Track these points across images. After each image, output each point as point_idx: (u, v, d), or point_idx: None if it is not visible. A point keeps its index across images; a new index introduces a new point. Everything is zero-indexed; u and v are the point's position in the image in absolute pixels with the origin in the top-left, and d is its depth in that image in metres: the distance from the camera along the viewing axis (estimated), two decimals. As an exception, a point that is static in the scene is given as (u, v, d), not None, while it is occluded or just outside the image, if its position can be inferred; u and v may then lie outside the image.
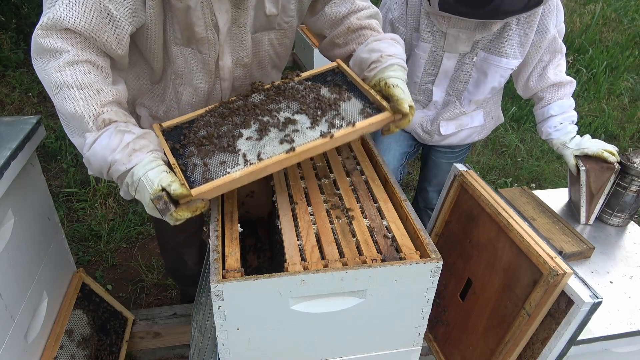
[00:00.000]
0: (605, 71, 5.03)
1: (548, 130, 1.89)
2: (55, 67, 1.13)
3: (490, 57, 1.82)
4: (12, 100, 3.89)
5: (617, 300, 1.48)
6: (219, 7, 1.29)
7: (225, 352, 1.13)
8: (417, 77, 1.96)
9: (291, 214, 1.24)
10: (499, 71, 1.83)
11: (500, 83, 1.89)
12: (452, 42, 1.81)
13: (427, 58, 1.89)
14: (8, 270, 1.41)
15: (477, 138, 2.16)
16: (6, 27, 4.31)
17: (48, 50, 1.13)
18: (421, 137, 2.13)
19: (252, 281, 1.01)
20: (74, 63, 1.15)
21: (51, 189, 2.96)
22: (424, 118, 2.07)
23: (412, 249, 1.14)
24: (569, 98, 1.88)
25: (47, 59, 1.14)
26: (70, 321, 1.72)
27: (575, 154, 1.81)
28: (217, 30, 1.33)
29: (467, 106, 1.96)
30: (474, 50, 1.83)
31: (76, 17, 1.12)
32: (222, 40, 1.36)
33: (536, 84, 1.89)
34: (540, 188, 3.02)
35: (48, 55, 1.14)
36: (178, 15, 1.26)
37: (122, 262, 2.79)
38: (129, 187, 1.13)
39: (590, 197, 1.78)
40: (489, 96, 1.97)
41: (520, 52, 1.79)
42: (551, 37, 1.78)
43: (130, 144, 1.12)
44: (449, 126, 2.05)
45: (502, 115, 2.23)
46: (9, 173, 1.37)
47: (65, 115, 1.17)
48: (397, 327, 1.20)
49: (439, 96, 1.98)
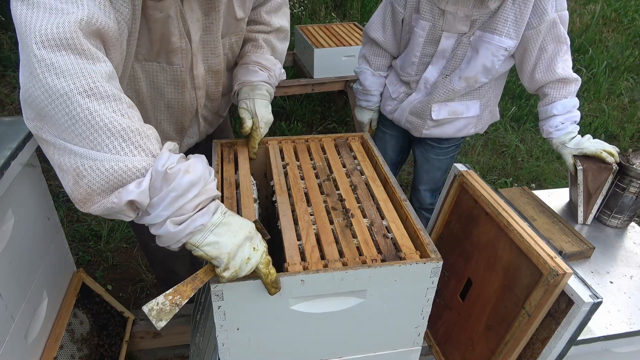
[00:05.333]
0: (605, 71, 5.03)
1: (549, 129, 1.88)
2: (102, 74, 0.92)
3: (484, 35, 1.81)
4: (12, 100, 3.89)
5: (617, 300, 1.48)
6: (191, 16, 1.27)
7: (225, 352, 1.13)
8: (415, 57, 1.96)
9: (291, 214, 1.24)
10: (490, 48, 1.81)
11: (493, 63, 1.84)
12: (451, 21, 1.81)
13: (426, 37, 1.90)
14: (8, 270, 1.41)
15: (473, 131, 2.13)
16: (6, 27, 4.31)
17: (87, 55, 0.91)
18: (413, 123, 2.11)
19: (252, 281, 1.01)
20: (112, 78, 0.96)
21: (51, 189, 2.96)
22: (413, 103, 2.06)
23: (412, 249, 1.14)
24: (573, 97, 1.86)
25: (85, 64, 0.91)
26: (70, 321, 1.72)
27: (573, 154, 1.81)
28: (189, 38, 1.32)
29: (456, 82, 1.92)
30: (472, 30, 1.82)
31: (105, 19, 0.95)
32: (195, 49, 1.35)
33: (542, 76, 1.85)
34: (540, 188, 3.02)
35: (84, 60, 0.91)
36: (153, 27, 1.21)
37: (122, 262, 2.79)
38: (219, 207, 0.98)
39: (587, 197, 1.78)
40: (483, 80, 1.92)
41: (515, 32, 1.77)
42: (550, 21, 1.75)
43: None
44: (441, 111, 2.02)
45: (498, 113, 2.21)
46: (9, 173, 1.37)
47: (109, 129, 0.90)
48: (397, 327, 1.20)
49: (432, 75, 1.97)
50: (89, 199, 0.93)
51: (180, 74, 1.37)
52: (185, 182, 0.91)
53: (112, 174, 0.90)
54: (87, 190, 0.92)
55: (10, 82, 4.05)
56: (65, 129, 0.90)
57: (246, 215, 1.22)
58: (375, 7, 5.54)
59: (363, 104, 2.26)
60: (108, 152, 0.90)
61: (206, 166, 0.98)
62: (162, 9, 1.18)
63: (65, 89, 0.88)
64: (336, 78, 3.66)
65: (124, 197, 0.89)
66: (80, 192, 0.93)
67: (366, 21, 5.37)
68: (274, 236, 1.35)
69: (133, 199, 0.89)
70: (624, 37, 5.75)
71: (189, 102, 1.46)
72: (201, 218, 0.94)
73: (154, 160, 0.93)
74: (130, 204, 0.91)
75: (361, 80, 2.19)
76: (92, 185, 0.91)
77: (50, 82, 0.88)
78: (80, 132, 0.89)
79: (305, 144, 1.57)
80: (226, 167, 1.42)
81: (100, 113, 0.89)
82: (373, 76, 2.16)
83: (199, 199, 0.94)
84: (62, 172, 0.94)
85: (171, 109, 1.45)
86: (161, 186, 0.91)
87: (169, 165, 0.91)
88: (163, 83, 1.37)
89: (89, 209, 0.95)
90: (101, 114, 0.89)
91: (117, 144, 0.90)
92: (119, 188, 0.91)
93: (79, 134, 0.90)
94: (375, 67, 2.15)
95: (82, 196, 0.93)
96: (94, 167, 0.90)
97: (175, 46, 1.29)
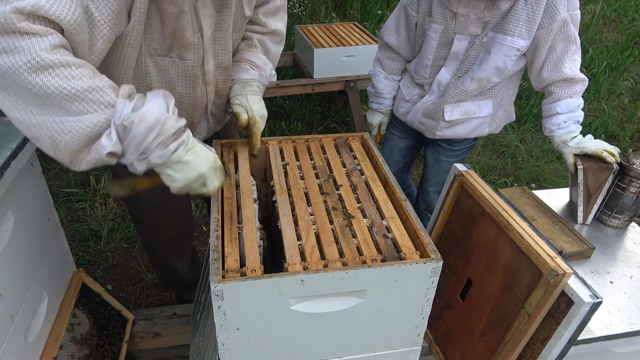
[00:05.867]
0: (605, 71, 5.03)
1: (551, 127, 1.88)
2: (42, 47, 0.95)
3: (497, 36, 1.81)
4: (12, 100, 3.89)
5: (617, 300, 1.48)
6: (204, 12, 1.30)
7: (225, 352, 1.13)
8: (428, 60, 1.98)
9: (291, 214, 1.24)
10: (502, 49, 1.81)
11: (505, 64, 1.85)
12: (463, 23, 1.83)
13: (439, 40, 1.91)
14: (8, 270, 1.41)
15: (487, 130, 2.13)
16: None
17: (26, 34, 0.94)
18: (425, 125, 2.12)
19: (252, 281, 1.01)
20: (61, 46, 0.99)
21: (51, 189, 2.96)
22: (426, 104, 2.07)
23: (412, 249, 1.14)
24: (578, 97, 1.86)
25: (24, 42, 0.94)
26: (70, 321, 1.72)
27: (574, 153, 1.81)
28: (201, 34, 1.34)
29: (469, 83, 1.93)
30: (484, 31, 1.83)
31: (62, 10, 0.97)
32: (207, 44, 1.37)
33: (549, 74, 1.85)
34: (540, 188, 3.02)
35: (25, 38, 0.94)
36: (167, 21, 1.23)
37: (122, 262, 2.79)
38: (181, 146, 1.10)
39: (587, 197, 1.77)
40: (496, 80, 1.92)
41: (527, 32, 1.77)
42: (562, 20, 1.75)
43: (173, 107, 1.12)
44: (453, 111, 2.03)
45: (513, 112, 2.21)
46: (9, 173, 1.37)
47: (64, 96, 0.98)
48: (397, 327, 1.20)
49: (445, 77, 1.98)
50: (73, 159, 1.07)
51: (192, 69, 1.39)
52: (141, 129, 1.04)
53: (82, 134, 1.02)
54: (68, 152, 1.04)
55: (10, 82, 4.04)
56: (26, 104, 0.99)
57: (246, 215, 1.22)
58: (375, 7, 5.55)
59: (374, 106, 2.28)
60: (71, 114, 1.00)
61: (161, 107, 1.08)
62: (177, 4, 1.21)
63: (9, 65, 0.93)
64: (336, 78, 3.66)
65: (102, 150, 1.04)
66: (63, 155, 1.05)
67: (366, 21, 5.39)
68: (274, 236, 1.35)
69: (110, 151, 1.04)
70: (624, 37, 5.75)
71: (200, 97, 1.49)
72: (158, 157, 1.09)
73: (113, 109, 1.04)
74: (109, 154, 1.06)
75: (374, 83, 2.22)
76: (70, 147, 1.03)
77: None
78: (40, 104, 0.98)
79: (305, 144, 1.57)
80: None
81: (50, 84, 0.96)
82: (386, 79, 2.19)
83: (159, 139, 1.07)
84: (39, 142, 1.04)
85: (182, 104, 1.47)
86: (124, 136, 1.05)
87: (124, 117, 1.03)
88: (175, 78, 1.39)
89: (79, 167, 1.08)
90: (50, 85, 0.96)
91: (75, 106, 1.00)
92: (93, 143, 1.04)
93: (38, 105, 0.98)
94: (389, 71, 2.17)
95: (66, 158, 1.06)
96: (64, 131, 1.01)
97: (188, 41, 1.31)
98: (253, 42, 1.60)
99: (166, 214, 1.84)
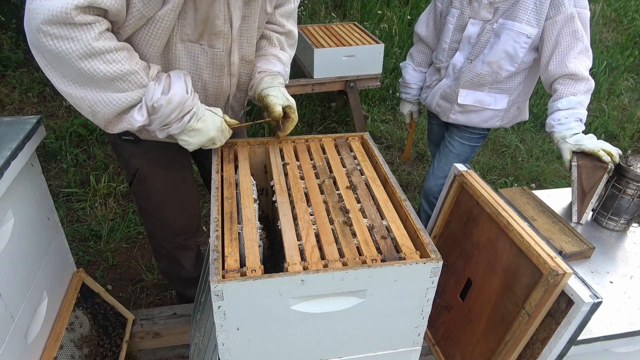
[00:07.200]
0: (605, 71, 5.04)
1: (551, 122, 1.91)
2: (92, 36, 1.16)
3: (506, 22, 1.97)
4: (12, 100, 3.89)
5: (617, 300, 1.48)
6: (234, 3, 1.36)
7: (225, 352, 1.13)
8: (445, 43, 2.16)
9: (291, 214, 1.24)
10: (511, 35, 1.95)
11: (515, 50, 1.98)
12: (477, 8, 2.01)
13: (455, 24, 2.09)
14: (8, 270, 1.41)
15: (498, 123, 2.24)
16: (6, 27, 4.31)
17: (80, 26, 1.14)
18: (441, 107, 2.26)
19: (252, 281, 1.01)
20: (106, 30, 1.21)
21: (51, 189, 2.96)
22: (443, 87, 2.22)
23: (412, 249, 1.14)
24: (581, 95, 1.88)
25: (78, 32, 1.15)
26: (70, 321, 1.72)
27: (572, 150, 1.80)
28: (230, 24, 1.40)
29: (480, 67, 2.07)
30: (495, 17, 1.98)
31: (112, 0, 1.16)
32: (234, 35, 1.43)
33: (555, 68, 1.92)
34: (540, 188, 3.02)
35: (79, 28, 1.15)
36: (200, 7, 1.30)
37: (122, 262, 2.79)
38: (194, 117, 1.36)
39: (582, 195, 1.75)
40: (508, 67, 2.03)
41: (535, 20, 1.90)
42: (568, 14, 1.85)
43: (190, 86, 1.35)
44: (467, 97, 2.16)
45: (527, 112, 2.32)
46: (9, 173, 1.37)
47: (106, 77, 1.22)
48: (397, 327, 1.20)
49: (459, 61, 2.14)
50: (108, 125, 1.35)
51: (220, 58, 1.45)
52: (167, 110, 1.32)
53: (117, 107, 1.28)
54: (104, 120, 1.32)
55: (10, 82, 4.04)
56: (72, 80, 1.24)
57: (246, 215, 1.22)
58: (375, 7, 5.54)
59: (403, 96, 2.49)
60: (110, 91, 1.26)
61: (183, 90, 1.33)
62: None
63: (64, 50, 1.16)
64: (336, 78, 3.66)
65: (135, 123, 1.32)
66: (99, 122, 1.33)
67: (366, 21, 5.39)
68: (274, 236, 1.35)
69: (142, 124, 1.33)
70: (624, 37, 5.76)
71: (224, 87, 1.55)
72: (176, 129, 1.37)
73: (145, 89, 1.30)
74: (140, 126, 1.33)
75: (403, 74, 2.43)
76: (106, 116, 1.30)
77: (54, 46, 1.15)
78: (84, 82, 1.23)
79: (305, 144, 1.57)
80: (226, 167, 1.43)
81: (95, 68, 1.20)
82: (414, 71, 2.39)
83: (178, 115, 1.35)
84: (80, 109, 1.30)
85: (207, 92, 1.53)
86: (152, 113, 1.33)
87: (155, 99, 1.29)
88: (203, 65, 1.46)
89: (112, 131, 1.36)
90: (97, 69, 1.20)
91: (114, 85, 1.25)
92: (125, 114, 1.32)
93: (82, 82, 1.24)
94: (417, 63, 2.38)
95: (102, 124, 1.34)
96: (102, 104, 1.27)
97: (219, 29, 1.38)
98: (273, 41, 1.66)
99: (177, 209, 1.86)
